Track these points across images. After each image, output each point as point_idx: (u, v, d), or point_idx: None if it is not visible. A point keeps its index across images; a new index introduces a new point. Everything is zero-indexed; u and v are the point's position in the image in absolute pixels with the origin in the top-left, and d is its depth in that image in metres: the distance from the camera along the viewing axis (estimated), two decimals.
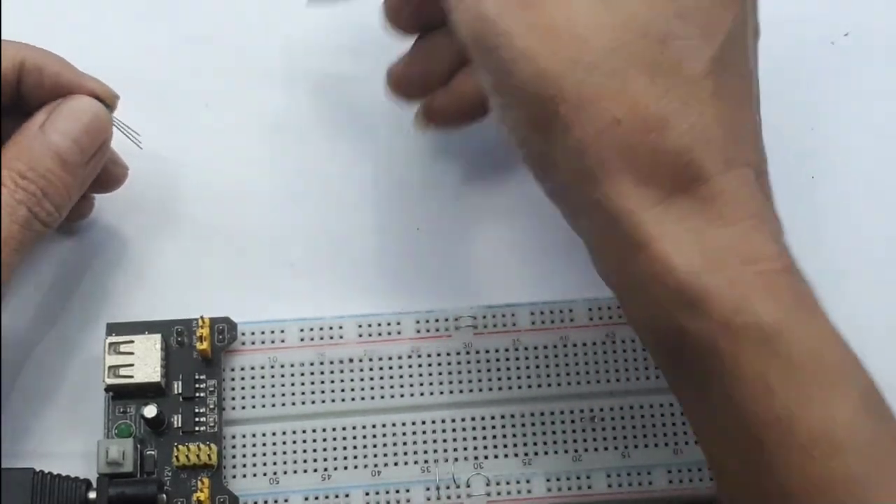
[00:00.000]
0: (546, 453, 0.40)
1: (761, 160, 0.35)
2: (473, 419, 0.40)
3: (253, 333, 0.41)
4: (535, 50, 0.33)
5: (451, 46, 0.39)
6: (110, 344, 0.40)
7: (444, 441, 0.40)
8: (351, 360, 0.41)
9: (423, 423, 0.40)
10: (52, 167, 0.37)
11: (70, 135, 0.37)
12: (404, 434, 0.40)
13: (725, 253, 0.32)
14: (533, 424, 0.40)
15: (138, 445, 0.39)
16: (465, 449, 0.40)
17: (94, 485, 0.38)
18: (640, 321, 0.35)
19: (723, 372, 0.32)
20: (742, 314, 0.32)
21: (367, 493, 0.40)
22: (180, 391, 0.40)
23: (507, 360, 0.41)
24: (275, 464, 0.40)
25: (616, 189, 0.33)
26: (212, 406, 0.40)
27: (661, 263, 0.32)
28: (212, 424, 0.40)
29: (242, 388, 0.40)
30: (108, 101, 0.39)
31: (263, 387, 0.40)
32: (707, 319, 0.32)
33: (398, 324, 0.41)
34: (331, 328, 0.41)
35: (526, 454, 0.40)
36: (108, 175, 0.40)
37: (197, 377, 0.40)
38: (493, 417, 0.40)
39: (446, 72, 0.41)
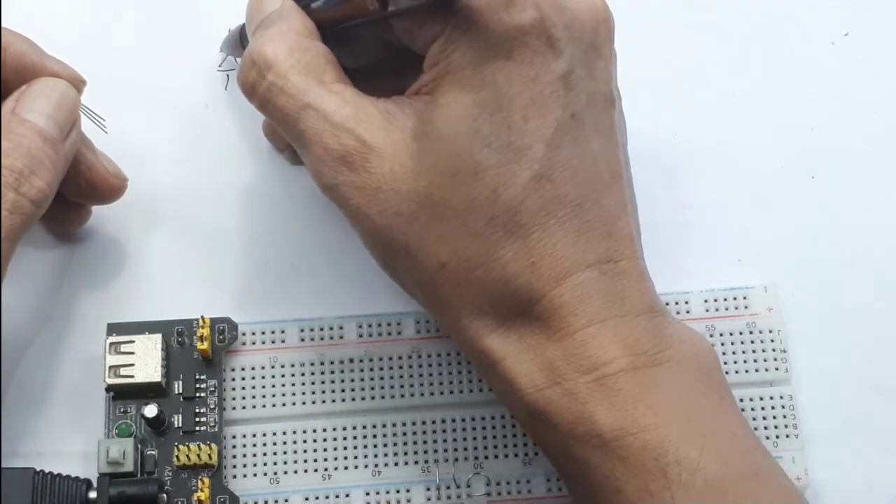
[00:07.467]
0: None
1: (610, 247, 0.35)
2: (473, 419, 0.40)
3: (253, 333, 0.41)
4: (365, 209, 0.35)
5: None
6: (111, 344, 0.40)
7: (444, 441, 0.40)
8: (351, 361, 0.41)
9: (423, 423, 0.40)
10: (35, 144, 0.36)
11: (44, 112, 0.37)
12: (404, 434, 0.40)
13: (564, 366, 0.34)
14: None
15: (139, 445, 0.39)
16: (465, 449, 0.40)
17: (95, 484, 0.38)
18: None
19: (580, 475, 0.34)
20: (582, 424, 0.33)
21: (368, 493, 0.40)
22: (181, 391, 0.40)
23: None
24: (275, 464, 0.40)
25: (460, 319, 0.35)
26: (212, 406, 0.40)
27: (508, 382, 0.34)
28: (212, 424, 0.40)
29: (243, 388, 0.40)
30: (73, 83, 0.38)
31: (264, 387, 0.40)
32: (555, 431, 0.34)
33: (398, 324, 0.41)
34: (331, 328, 0.41)
35: (526, 454, 0.40)
36: (107, 186, 0.40)
37: (197, 377, 0.40)
38: (493, 417, 0.40)
39: None
